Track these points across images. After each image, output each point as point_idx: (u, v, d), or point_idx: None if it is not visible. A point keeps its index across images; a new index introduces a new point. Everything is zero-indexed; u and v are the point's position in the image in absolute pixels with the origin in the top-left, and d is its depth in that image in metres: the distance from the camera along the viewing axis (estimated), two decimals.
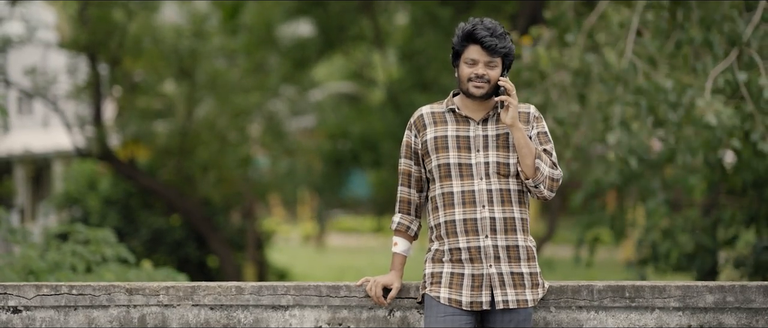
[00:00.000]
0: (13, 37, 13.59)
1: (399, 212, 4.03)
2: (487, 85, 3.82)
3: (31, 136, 20.62)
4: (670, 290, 4.09)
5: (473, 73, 3.81)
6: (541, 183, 3.82)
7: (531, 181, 3.82)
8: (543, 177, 3.82)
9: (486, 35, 3.78)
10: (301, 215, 30.48)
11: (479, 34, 3.78)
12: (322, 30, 16.00)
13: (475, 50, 3.80)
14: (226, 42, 15.73)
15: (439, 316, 3.83)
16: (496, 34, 3.79)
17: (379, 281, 4.03)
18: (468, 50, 3.81)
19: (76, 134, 15.08)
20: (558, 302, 4.10)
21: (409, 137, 3.98)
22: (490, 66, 3.82)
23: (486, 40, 3.78)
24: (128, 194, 16.64)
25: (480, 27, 3.79)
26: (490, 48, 3.78)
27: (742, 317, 4.09)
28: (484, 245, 3.81)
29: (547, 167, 3.82)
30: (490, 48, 3.78)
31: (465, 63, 3.83)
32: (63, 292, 4.22)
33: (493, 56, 3.80)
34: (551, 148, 3.91)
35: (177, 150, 15.97)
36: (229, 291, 4.20)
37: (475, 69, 3.81)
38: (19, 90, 14.99)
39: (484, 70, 3.81)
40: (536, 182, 3.82)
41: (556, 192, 3.94)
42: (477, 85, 3.82)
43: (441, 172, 3.87)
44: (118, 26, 14.36)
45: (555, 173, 3.86)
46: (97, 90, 14.95)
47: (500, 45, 3.79)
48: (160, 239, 16.48)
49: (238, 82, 15.77)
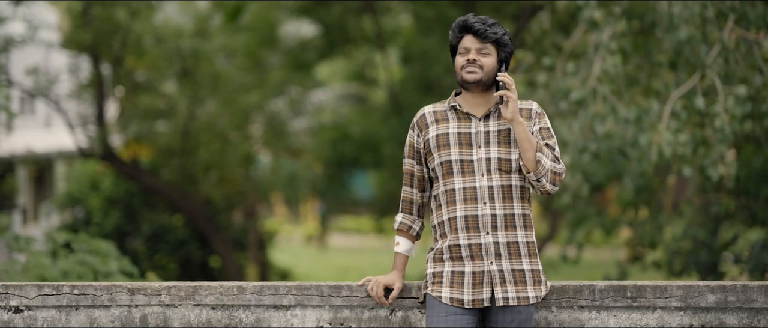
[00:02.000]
0: (15, 37, 13.59)
1: (401, 211, 4.03)
2: (480, 71, 3.83)
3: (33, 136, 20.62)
4: (672, 289, 4.09)
5: (465, 60, 3.84)
6: (543, 176, 3.81)
7: (533, 174, 3.81)
8: (545, 170, 3.81)
9: (476, 22, 3.85)
10: (304, 215, 30.49)
11: (470, 21, 3.86)
12: (324, 31, 16.00)
13: (468, 39, 3.86)
14: (228, 41, 15.73)
15: (440, 316, 3.83)
16: (488, 22, 3.85)
17: (380, 281, 4.03)
18: (462, 41, 3.88)
19: (79, 134, 15.09)
20: (559, 302, 4.10)
21: (412, 137, 3.99)
22: (482, 53, 3.84)
23: (475, 26, 3.83)
24: (130, 193, 16.66)
25: (472, 18, 3.87)
26: (480, 33, 3.82)
27: (744, 316, 4.09)
28: (485, 242, 3.82)
29: (548, 160, 3.82)
30: (479, 33, 3.82)
31: (459, 54, 3.87)
32: (65, 292, 4.22)
33: (485, 42, 3.83)
34: (554, 144, 3.91)
35: (179, 150, 15.98)
36: (231, 291, 4.20)
37: (468, 56, 3.84)
38: (22, 90, 15.00)
39: (476, 56, 3.84)
40: (538, 176, 3.81)
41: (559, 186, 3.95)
42: (469, 70, 3.84)
43: (443, 169, 3.87)
44: (121, 26, 14.37)
45: (557, 167, 3.85)
46: (99, 90, 14.97)
47: (491, 31, 3.83)
48: (162, 239, 16.49)
49: (240, 81, 15.77)
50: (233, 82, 15.74)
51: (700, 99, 6.68)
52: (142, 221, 16.58)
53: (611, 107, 6.96)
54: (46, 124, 22.71)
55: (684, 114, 6.85)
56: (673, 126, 6.74)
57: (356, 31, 16.12)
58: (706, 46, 6.80)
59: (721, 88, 6.69)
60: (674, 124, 6.76)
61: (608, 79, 7.15)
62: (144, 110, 15.76)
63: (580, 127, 7.02)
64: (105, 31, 14.28)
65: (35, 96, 15.13)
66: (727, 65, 6.77)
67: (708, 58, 6.74)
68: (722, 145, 6.69)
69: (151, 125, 15.92)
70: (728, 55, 6.73)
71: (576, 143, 7.06)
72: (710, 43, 6.82)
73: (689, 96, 6.87)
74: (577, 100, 7.03)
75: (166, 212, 16.85)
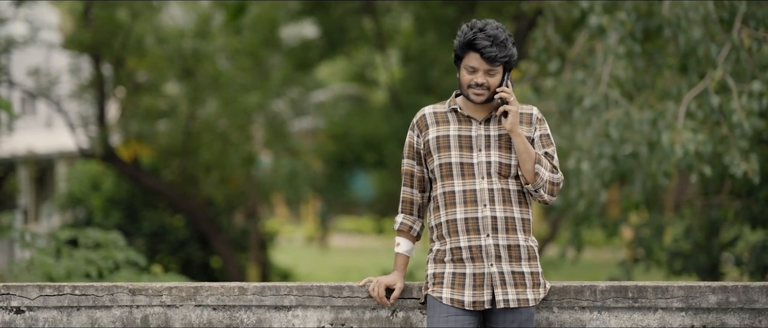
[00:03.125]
0: (16, 38, 13.60)
1: (402, 212, 4.03)
2: (486, 93, 3.82)
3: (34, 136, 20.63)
4: (673, 290, 4.09)
5: (473, 81, 3.81)
6: (541, 188, 3.83)
7: (531, 186, 3.83)
8: (543, 182, 3.83)
9: (486, 45, 3.75)
10: (305, 216, 30.49)
11: (479, 44, 3.76)
12: (325, 31, 16.00)
13: (475, 59, 3.79)
14: (230, 41, 15.74)
15: (441, 316, 3.83)
16: (498, 41, 3.76)
17: (381, 282, 4.03)
18: (468, 57, 3.80)
19: (80, 135, 15.09)
20: (561, 303, 4.10)
21: (412, 137, 3.99)
22: (490, 74, 3.81)
23: (486, 51, 3.75)
24: (131, 194, 16.66)
25: (481, 36, 3.76)
26: (490, 58, 3.77)
27: (745, 317, 4.09)
28: (485, 244, 3.82)
29: (547, 172, 3.83)
30: (489, 59, 3.77)
31: (465, 69, 3.82)
32: (66, 292, 4.22)
33: (494, 65, 3.79)
34: (553, 151, 3.92)
35: (180, 150, 15.98)
36: (232, 291, 4.20)
37: (475, 77, 3.81)
38: (23, 90, 15.01)
39: (484, 79, 3.80)
40: (536, 187, 3.83)
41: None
42: (477, 92, 3.82)
43: (443, 171, 3.87)
44: (122, 26, 14.38)
45: (555, 177, 3.87)
46: (100, 90, 14.97)
47: (500, 55, 3.77)
48: (163, 239, 16.50)
49: (241, 82, 15.77)
50: (234, 83, 15.74)
51: (715, 97, 6.67)
52: (143, 221, 16.59)
53: (625, 111, 6.95)
54: (48, 125, 22.72)
55: (700, 113, 6.82)
56: (690, 125, 6.72)
57: (357, 31, 16.11)
58: (717, 46, 6.79)
59: (734, 85, 6.68)
60: (691, 124, 6.75)
61: (617, 83, 7.14)
62: (145, 111, 15.76)
63: (593, 133, 7.00)
64: (106, 31, 14.28)
65: (36, 97, 15.14)
66: (737, 64, 6.77)
67: (719, 57, 6.74)
68: (743, 141, 6.65)
69: (152, 126, 15.92)
70: (739, 53, 6.72)
71: (591, 150, 7.04)
72: (718, 43, 6.82)
73: (702, 96, 6.85)
74: (590, 107, 7.01)
75: (167, 212, 16.85)
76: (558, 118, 7.67)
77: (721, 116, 6.79)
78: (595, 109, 7.02)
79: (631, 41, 7.11)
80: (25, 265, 6.62)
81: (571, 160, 7.20)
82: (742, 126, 6.55)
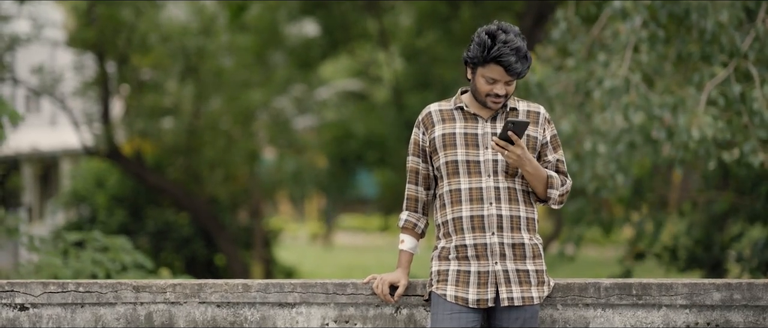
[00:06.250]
0: (20, 36, 13.61)
1: (406, 209, 4.03)
2: (504, 100, 3.84)
3: (38, 134, 20.66)
4: (677, 287, 4.08)
5: (492, 91, 3.81)
6: (551, 201, 3.91)
7: (541, 201, 3.92)
8: (554, 197, 3.89)
9: (512, 61, 3.73)
10: (309, 213, 30.50)
11: (505, 60, 3.73)
12: (327, 30, 16.00)
13: (498, 71, 3.77)
14: (233, 39, 15.75)
15: (445, 314, 3.83)
16: (521, 55, 3.74)
17: (385, 279, 4.03)
18: (490, 68, 3.77)
19: (84, 132, 15.11)
20: (565, 300, 4.10)
21: (417, 135, 3.99)
22: (508, 84, 3.82)
23: (512, 67, 3.74)
24: (136, 191, 16.68)
25: (505, 50, 3.72)
26: (515, 74, 3.77)
27: (750, 314, 4.08)
28: (491, 242, 3.82)
29: (557, 192, 3.87)
30: (515, 74, 3.77)
31: (484, 78, 3.79)
32: (70, 289, 4.23)
33: (514, 77, 3.80)
34: (561, 155, 3.96)
35: (184, 148, 16.00)
36: (236, 289, 4.20)
37: (495, 88, 3.80)
38: (27, 88, 15.03)
39: (504, 89, 3.81)
40: (546, 203, 3.91)
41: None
42: (495, 101, 3.83)
43: (449, 169, 3.87)
44: (126, 24, 14.39)
45: (564, 189, 3.92)
46: (104, 88, 14.99)
47: (523, 69, 3.77)
48: (168, 237, 16.52)
49: (244, 79, 15.79)
50: (238, 80, 15.75)
51: (737, 86, 6.64)
52: (147, 219, 16.61)
53: (645, 97, 6.91)
54: (52, 123, 22.75)
55: (722, 101, 6.78)
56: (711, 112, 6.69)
57: (359, 28, 16.11)
58: (741, 34, 6.77)
59: (756, 74, 6.65)
60: (712, 111, 6.72)
61: (640, 68, 7.10)
62: (149, 108, 15.78)
63: (612, 116, 6.96)
64: (110, 29, 14.31)
65: (40, 94, 15.16)
66: (761, 53, 6.74)
67: (743, 45, 6.71)
68: (761, 130, 6.61)
69: (156, 123, 15.94)
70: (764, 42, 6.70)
71: (609, 133, 7.00)
72: (743, 32, 6.79)
73: (724, 84, 6.82)
74: (610, 89, 6.96)
75: (172, 210, 16.86)
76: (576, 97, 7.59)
77: (742, 105, 6.74)
78: (615, 92, 6.97)
79: (655, 26, 7.06)
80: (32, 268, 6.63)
81: (587, 143, 7.17)
82: (762, 115, 6.50)
